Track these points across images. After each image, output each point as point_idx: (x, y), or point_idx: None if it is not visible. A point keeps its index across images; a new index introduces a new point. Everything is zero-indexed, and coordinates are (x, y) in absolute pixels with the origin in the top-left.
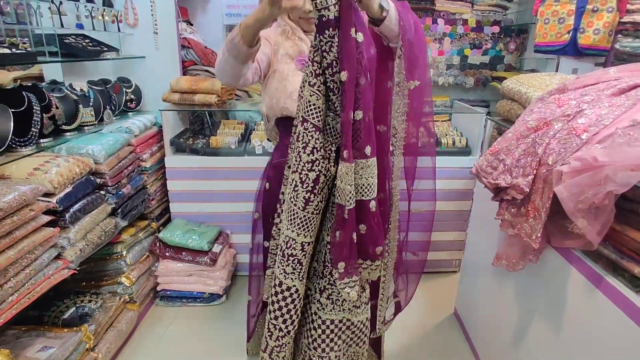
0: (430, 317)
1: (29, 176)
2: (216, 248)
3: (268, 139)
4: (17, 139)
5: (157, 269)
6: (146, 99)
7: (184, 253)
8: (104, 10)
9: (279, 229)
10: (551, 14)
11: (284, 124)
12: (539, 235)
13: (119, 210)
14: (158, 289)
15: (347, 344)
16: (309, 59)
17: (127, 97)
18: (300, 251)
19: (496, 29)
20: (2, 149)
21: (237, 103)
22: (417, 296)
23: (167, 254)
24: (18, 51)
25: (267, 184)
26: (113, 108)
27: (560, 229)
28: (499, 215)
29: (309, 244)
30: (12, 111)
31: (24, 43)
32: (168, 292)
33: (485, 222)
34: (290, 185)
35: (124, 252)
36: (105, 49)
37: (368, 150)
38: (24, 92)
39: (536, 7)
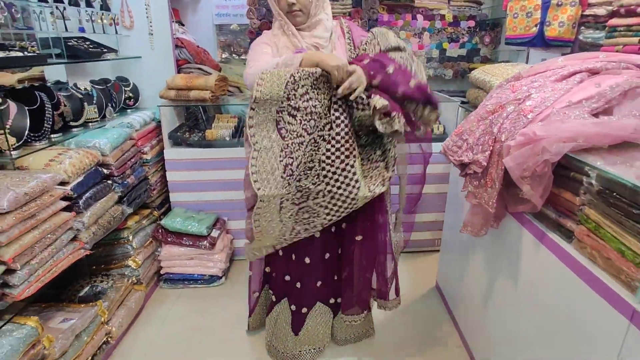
0: (414, 291)
1: (45, 167)
2: (214, 233)
3: None
4: (32, 134)
5: (160, 253)
6: (143, 96)
7: (184, 238)
8: (102, 14)
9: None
10: (519, 9)
11: None
12: (494, 201)
13: (125, 198)
14: (162, 272)
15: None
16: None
17: (126, 95)
18: None
19: (472, 23)
20: (20, 143)
21: (230, 98)
22: (402, 273)
23: (169, 239)
24: (29, 54)
25: None
26: (114, 105)
27: (513, 196)
28: (464, 188)
29: None
30: (27, 109)
31: (32, 46)
32: (171, 275)
33: (459, 202)
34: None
35: (130, 237)
36: (105, 50)
37: None
38: (36, 92)
39: (506, 3)
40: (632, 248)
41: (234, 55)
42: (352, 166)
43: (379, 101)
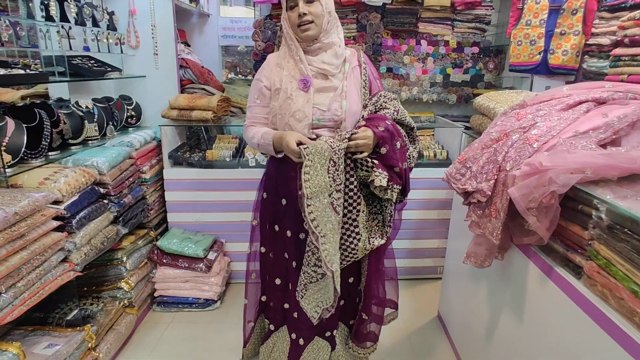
0: (415, 320)
1: (39, 185)
2: (211, 255)
3: (262, 152)
4: (28, 152)
5: (155, 275)
6: (146, 115)
7: (180, 260)
8: (109, 33)
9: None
10: (523, 37)
11: None
12: (498, 232)
13: (120, 218)
14: (155, 295)
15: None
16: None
17: (128, 114)
18: None
19: (476, 49)
20: (16, 160)
21: (232, 119)
22: (403, 301)
23: (165, 260)
24: (31, 72)
25: (265, 194)
26: (115, 124)
27: (519, 227)
28: (467, 217)
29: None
30: (25, 126)
31: (36, 64)
32: (165, 298)
33: (463, 229)
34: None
35: (124, 259)
36: (109, 69)
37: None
38: (35, 109)
39: (509, 30)
40: None
41: (239, 75)
42: (355, 220)
43: (378, 179)
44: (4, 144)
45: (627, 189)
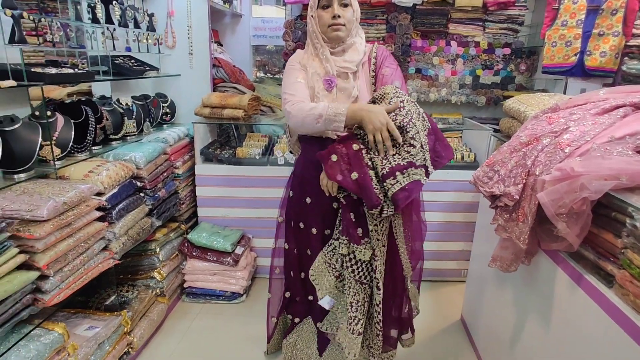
0: (437, 323)
1: (84, 177)
2: (239, 250)
3: (290, 151)
4: (75, 146)
5: (185, 267)
6: (179, 112)
7: (209, 253)
8: (148, 34)
9: None
10: (558, 38)
11: (307, 140)
12: (526, 237)
13: (155, 211)
14: (185, 285)
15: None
16: None
17: (163, 111)
18: None
19: (507, 50)
20: (64, 153)
21: (262, 118)
22: (425, 303)
23: (194, 253)
24: (79, 71)
25: (291, 192)
26: (151, 120)
27: (547, 233)
28: (494, 221)
29: None
30: (72, 122)
31: (83, 63)
32: (194, 290)
33: (489, 232)
34: None
35: (157, 250)
36: (148, 68)
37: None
38: (82, 106)
39: (544, 31)
40: None
41: (268, 74)
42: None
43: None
44: (54, 138)
45: None
